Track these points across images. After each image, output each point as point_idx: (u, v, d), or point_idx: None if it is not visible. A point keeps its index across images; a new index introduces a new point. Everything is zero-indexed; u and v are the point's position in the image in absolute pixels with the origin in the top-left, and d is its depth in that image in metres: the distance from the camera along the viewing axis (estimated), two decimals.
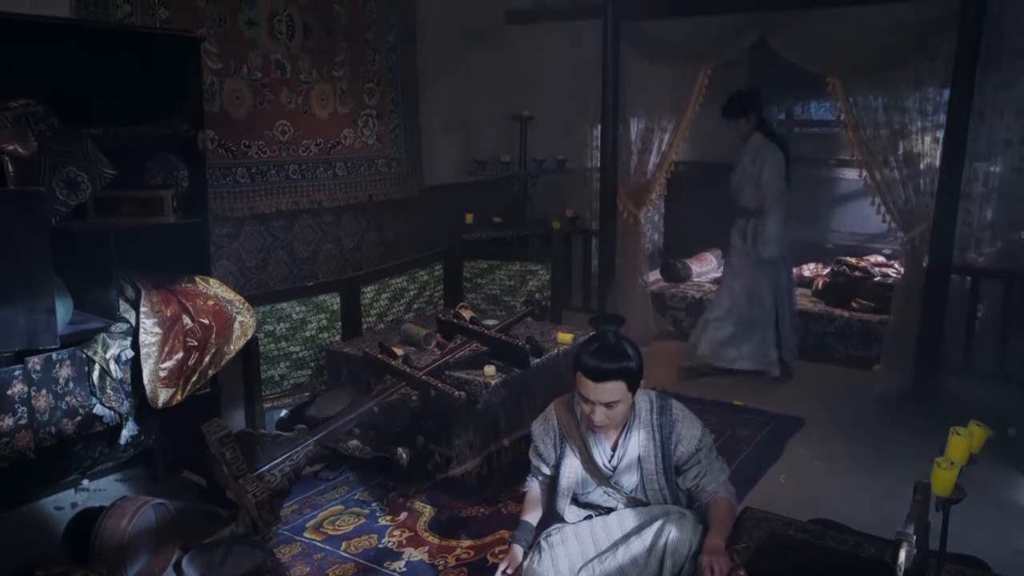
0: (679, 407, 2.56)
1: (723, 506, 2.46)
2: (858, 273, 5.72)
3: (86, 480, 3.48)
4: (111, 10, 3.51)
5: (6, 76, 2.74)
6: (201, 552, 2.96)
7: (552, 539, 2.52)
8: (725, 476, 2.53)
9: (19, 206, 2.54)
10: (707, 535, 2.38)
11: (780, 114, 7.53)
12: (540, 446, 2.63)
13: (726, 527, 2.42)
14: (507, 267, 5.08)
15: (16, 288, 2.55)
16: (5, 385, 2.56)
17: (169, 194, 3.21)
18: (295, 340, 4.10)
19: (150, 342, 2.97)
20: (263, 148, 4.30)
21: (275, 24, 4.27)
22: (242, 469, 2.99)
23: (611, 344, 2.40)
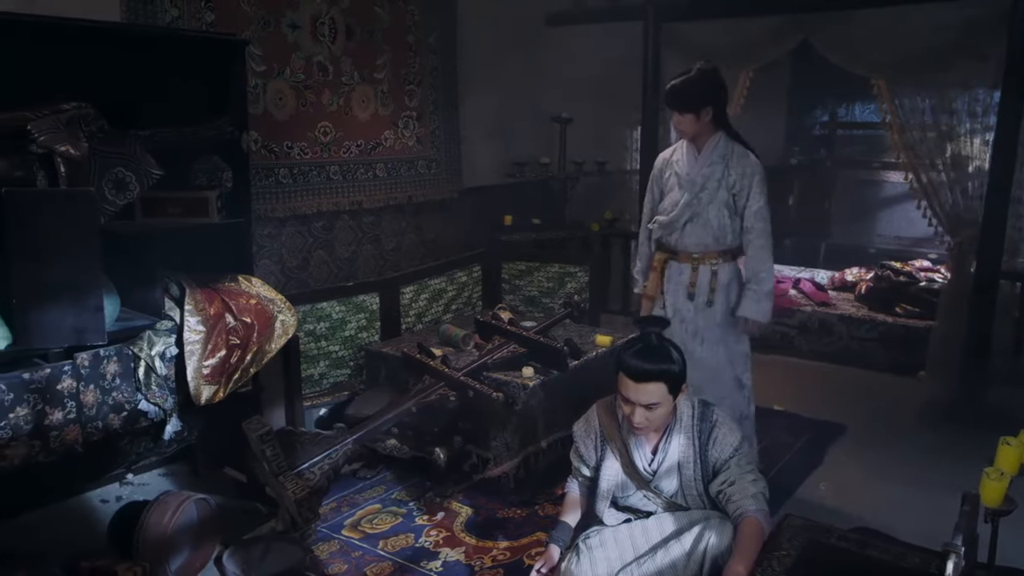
0: (721, 414, 2.53)
1: (750, 528, 2.34)
2: (902, 278, 5.62)
3: (130, 474, 3.54)
4: (159, 14, 3.58)
5: (59, 79, 2.80)
6: (241, 548, 3.00)
7: (591, 541, 2.51)
8: (757, 491, 2.42)
9: (70, 206, 2.60)
10: (730, 560, 2.28)
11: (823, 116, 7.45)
12: (581, 447, 2.62)
13: (750, 552, 2.29)
14: (545, 269, 5.07)
15: (66, 286, 2.62)
16: (55, 380, 2.61)
17: (213, 195, 3.27)
18: (335, 339, 4.14)
19: (194, 340, 3.02)
20: (305, 149, 4.35)
21: (318, 27, 4.32)
22: (282, 466, 3.03)
23: (654, 345, 2.39)
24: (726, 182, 3.26)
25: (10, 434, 2.51)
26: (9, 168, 2.52)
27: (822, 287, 6.06)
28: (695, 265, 3.34)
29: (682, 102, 3.24)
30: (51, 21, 2.85)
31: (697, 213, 3.29)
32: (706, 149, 3.29)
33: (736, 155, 3.26)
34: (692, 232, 3.32)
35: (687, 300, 3.36)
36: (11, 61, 2.75)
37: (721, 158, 3.27)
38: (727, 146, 3.28)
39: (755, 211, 3.26)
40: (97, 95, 2.81)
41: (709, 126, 3.27)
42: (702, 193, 3.27)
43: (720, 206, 3.27)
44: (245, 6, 3.95)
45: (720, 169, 3.26)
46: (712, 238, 3.30)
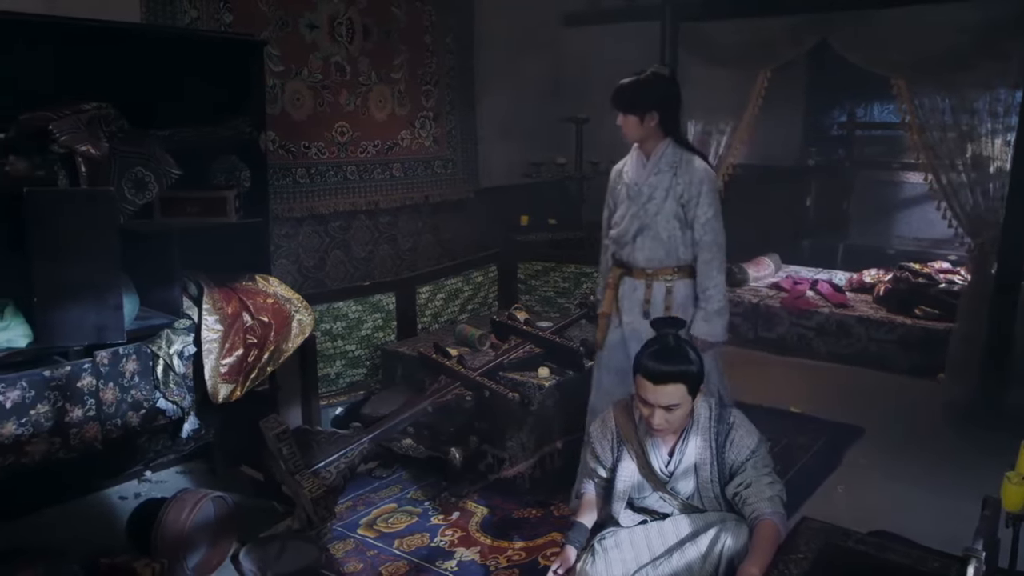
0: (739, 415, 2.51)
1: (766, 530, 2.32)
2: (921, 280, 5.56)
3: (148, 472, 3.57)
4: (178, 15, 3.61)
5: (80, 79, 2.83)
6: (258, 546, 3.01)
7: (606, 542, 2.50)
8: (774, 494, 2.40)
9: (91, 205, 2.62)
10: (744, 562, 2.27)
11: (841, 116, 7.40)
12: (597, 448, 2.61)
13: (765, 554, 2.27)
14: (562, 269, 5.06)
15: (87, 285, 2.64)
16: (75, 378, 2.64)
17: (231, 194, 3.29)
18: (351, 339, 4.16)
19: (211, 339, 3.04)
20: (322, 149, 4.36)
21: (335, 27, 4.34)
22: (298, 465, 3.04)
23: (671, 346, 2.38)
24: (674, 192, 3.03)
25: (31, 431, 2.54)
26: (31, 168, 2.54)
27: (840, 288, 6.02)
28: (649, 281, 3.11)
29: (627, 103, 3.06)
30: (73, 22, 2.88)
31: (646, 225, 3.07)
32: (653, 157, 3.08)
33: (684, 163, 3.05)
34: (643, 246, 3.09)
35: (643, 318, 3.07)
36: (33, 62, 2.78)
37: (669, 166, 3.05)
38: (675, 154, 3.06)
39: (703, 222, 3.02)
40: (117, 95, 2.84)
41: (656, 132, 3.06)
42: (649, 204, 3.06)
43: (669, 217, 3.04)
44: (263, 7, 3.97)
45: (668, 178, 3.04)
46: (664, 252, 3.07)
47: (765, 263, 6.61)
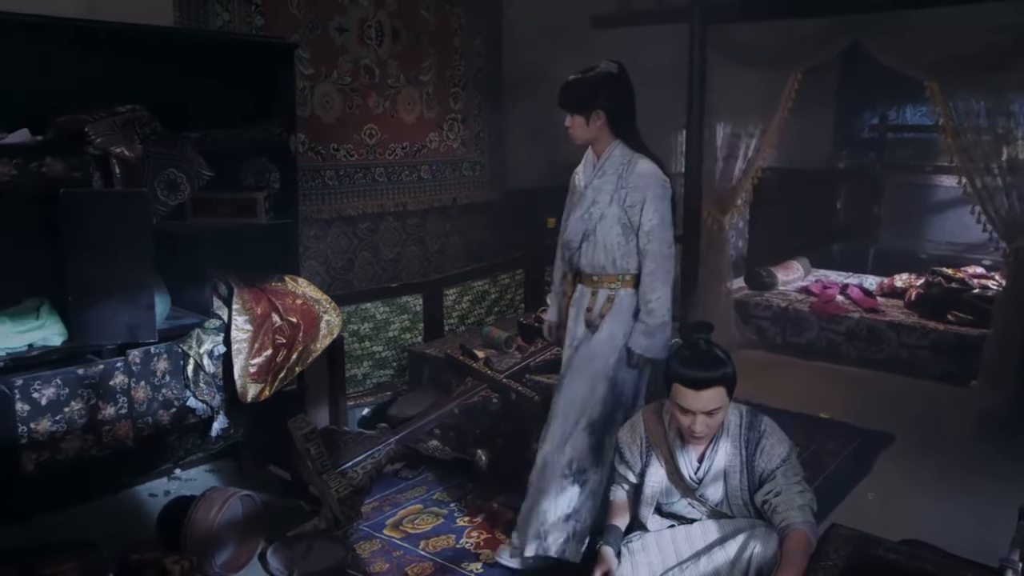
0: (770, 423, 2.48)
1: (797, 540, 2.28)
2: (955, 285, 5.48)
3: (178, 470, 3.61)
4: (211, 18, 3.65)
5: (115, 82, 2.87)
6: (285, 545, 3.04)
7: (633, 545, 2.49)
8: (804, 502, 2.37)
9: (125, 206, 2.67)
10: (776, 572, 2.25)
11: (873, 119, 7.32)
12: (626, 453, 2.60)
13: (797, 565, 2.24)
14: None
15: (120, 284, 2.68)
16: (108, 376, 2.68)
17: (261, 196, 3.32)
18: (378, 340, 4.18)
19: (241, 339, 3.07)
20: (351, 151, 4.39)
21: (365, 30, 4.36)
22: (326, 465, 3.06)
23: (704, 351, 2.36)
24: (619, 196, 2.83)
25: (65, 428, 2.58)
26: (67, 169, 2.59)
27: (870, 293, 5.95)
28: (595, 289, 2.92)
29: (572, 102, 2.89)
30: (109, 26, 2.93)
31: (591, 230, 2.88)
32: (602, 159, 2.90)
33: (631, 166, 2.84)
34: (588, 252, 2.91)
35: (585, 327, 2.93)
36: (70, 65, 2.83)
37: (614, 169, 2.85)
38: (623, 156, 2.86)
39: (647, 230, 2.80)
40: (151, 97, 2.88)
41: (605, 133, 2.88)
42: (593, 208, 2.88)
43: (613, 223, 2.84)
44: (294, 10, 4.00)
45: (613, 181, 2.84)
46: (609, 260, 2.87)
47: (794, 267, 6.55)
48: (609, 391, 2.89)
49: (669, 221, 2.85)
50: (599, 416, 2.89)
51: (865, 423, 4.38)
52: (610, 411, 2.90)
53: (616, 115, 2.87)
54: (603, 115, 2.85)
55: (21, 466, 2.51)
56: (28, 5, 2.72)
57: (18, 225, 2.80)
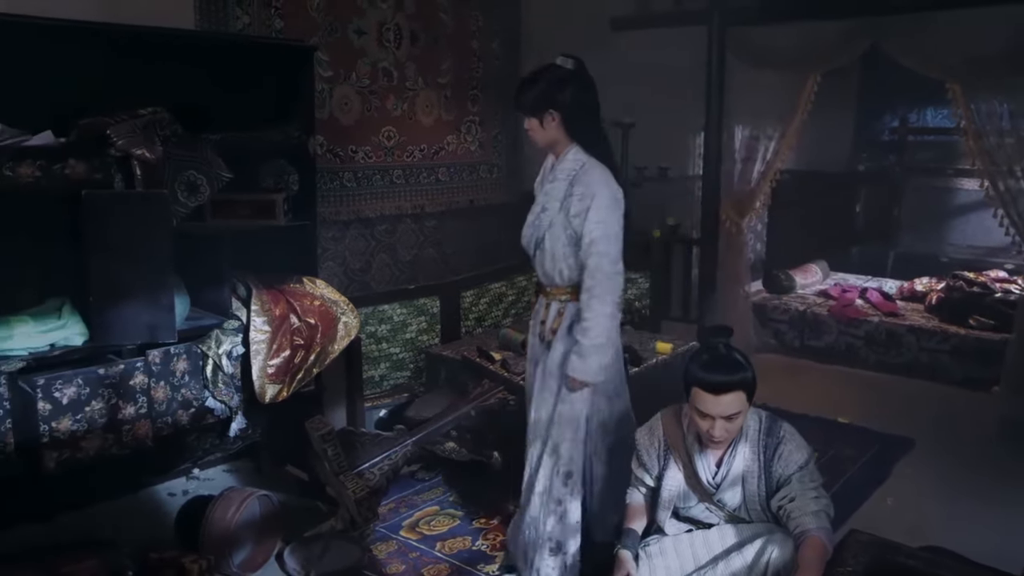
0: (789, 429, 2.45)
1: (813, 548, 2.23)
2: (976, 289, 5.43)
3: (196, 469, 3.63)
4: (231, 21, 3.67)
5: (137, 85, 2.90)
6: (302, 545, 3.05)
7: (650, 549, 2.48)
8: (819, 508, 2.32)
9: (145, 207, 2.69)
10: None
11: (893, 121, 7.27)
12: (644, 456, 2.58)
13: (814, 572, 2.20)
14: None
15: (140, 285, 2.71)
16: (128, 376, 2.70)
17: (280, 197, 3.33)
18: (395, 342, 4.19)
19: (259, 339, 3.08)
20: (369, 153, 4.41)
21: (383, 33, 4.38)
22: (343, 466, 3.08)
23: (723, 355, 2.34)
24: (567, 204, 2.62)
25: (86, 427, 2.60)
26: (89, 171, 2.61)
27: (890, 297, 5.90)
28: (548, 301, 2.78)
29: (525, 103, 2.68)
30: (131, 29, 2.96)
31: (541, 239, 2.71)
32: (556, 163, 2.71)
33: (583, 172, 2.62)
34: (539, 261, 2.76)
35: (539, 341, 2.82)
36: (93, 67, 2.86)
37: (566, 174, 2.64)
38: (576, 161, 2.64)
39: (588, 243, 2.58)
40: (171, 99, 2.90)
41: (562, 134, 2.66)
42: (543, 215, 2.70)
43: (560, 232, 2.65)
44: (313, 13, 4.02)
45: (563, 187, 2.64)
46: (557, 271, 2.71)
47: (813, 270, 6.51)
48: (569, 416, 2.73)
49: (615, 235, 2.60)
50: (561, 442, 2.74)
51: (884, 428, 4.34)
52: (572, 437, 2.75)
53: (572, 116, 2.63)
54: (557, 116, 2.63)
55: (43, 465, 2.53)
56: (52, 9, 2.75)
57: (41, 226, 2.83)
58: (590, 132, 2.68)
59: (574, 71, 2.63)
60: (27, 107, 2.68)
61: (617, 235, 2.61)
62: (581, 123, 2.66)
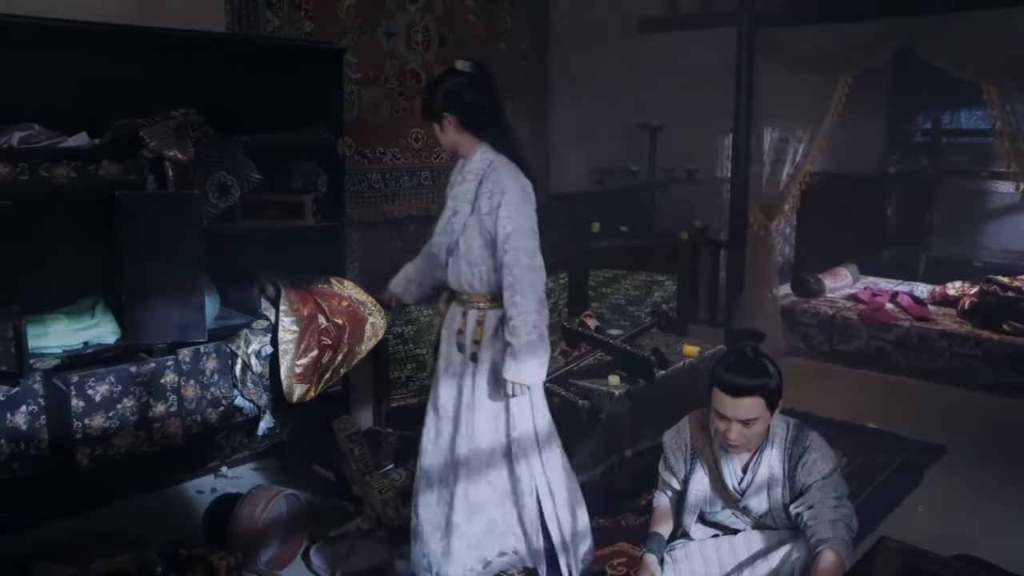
0: (816, 439, 2.43)
1: (826, 564, 2.19)
2: (1011, 293, 5.34)
3: (225, 467, 3.67)
4: (262, 24, 3.71)
5: (169, 87, 2.94)
6: (328, 544, 3.07)
7: (676, 554, 2.47)
8: (837, 517, 2.28)
9: (177, 208, 2.72)
10: None
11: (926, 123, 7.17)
12: (671, 458, 2.58)
13: None
14: (633, 277, 5.03)
15: (172, 285, 2.74)
16: (159, 374, 2.74)
17: (309, 198, 3.36)
18: (422, 343, 4.20)
19: (288, 339, 3.11)
20: (397, 155, 4.43)
21: (412, 35, 4.40)
22: (369, 466, 3.09)
23: (749, 359, 2.33)
24: (478, 204, 2.57)
25: (118, 424, 2.64)
26: (123, 171, 2.65)
27: (921, 301, 5.82)
28: (465, 309, 2.68)
29: (424, 109, 2.67)
30: (165, 33, 3.00)
31: (454, 243, 2.64)
32: (464, 164, 2.66)
33: (491, 169, 2.57)
34: (454, 267, 2.67)
35: (457, 351, 2.69)
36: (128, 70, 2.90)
37: (475, 175, 2.58)
38: (483, 159, 2.59)
39: (503, 238, 2.51)
40: (203, 101, 2.94)
41: (465, 137, 2.61)
42: (455, 218, 2.63)
43: (475, 235, 2.58)
44: (342, 15, 4.05)
45: (472, 187, 2.58)
46: (475, 276, 2.63)
47: (842, 274, 6.44)
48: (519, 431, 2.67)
49: (529, 228, 2.54)
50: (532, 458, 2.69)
51: (915, 434, 4.28)
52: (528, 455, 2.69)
53: (471, 117, 2.59)
54: (454, 119, 2.59)
55: (76, 461, 2.57)
56: (88, 14, 2.80)
57: (76, 226, 2.88)
58: (496, 132, 2.63)
59: (471, 74, 2.60)
60: (63, 109, 2.73)
61: (532, 229, 2.56)
62: (483, 124, 2.61)
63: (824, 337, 5.68)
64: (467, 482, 2.67)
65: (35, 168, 2.48)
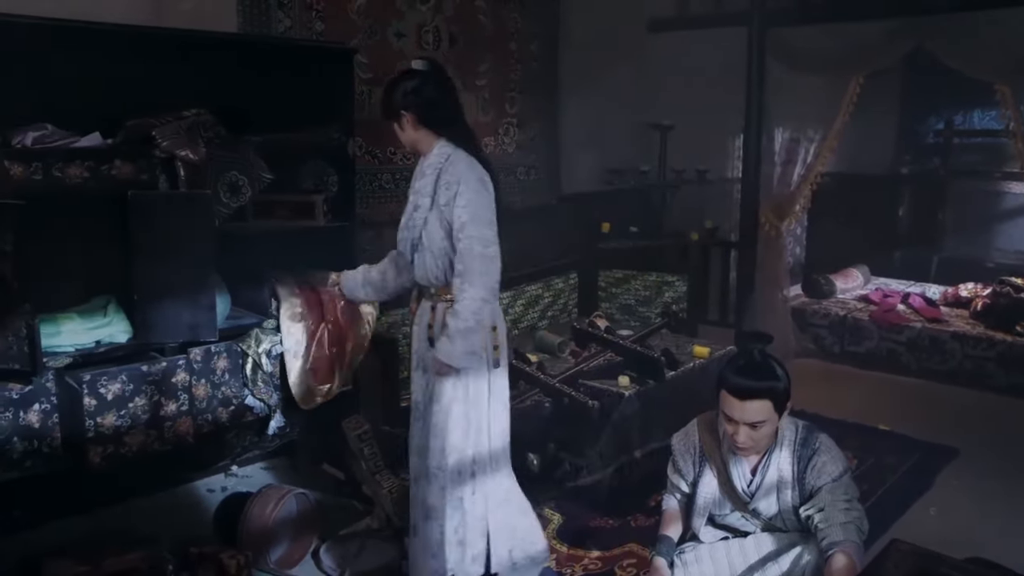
0: (826, 441, 2.41)
1: (838, 567, 2.17)
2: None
3: (235, 466, 3.68)
4: (273, 24, 3.72)
5: (181, 87, 2.95)
6: (338, 543, 3.08)
7: (686, 557, 2.46)
8: (848, 520, 2.26)
9: (189, 208, 2.73)
10: None
11: (938, 123, 7.14)
12: (680, 461, 2.57)
13: None
14: (643, 278, 5.03)
15: (183, 284, 2.75)
16: (171, 373, 2.75)
17: (320, 199, 3.36)
18: None
19: (296, 339, 3.11)
20: (407, 155, 4.42)
21: (423, 35, 4.40)
22: (379, 465, 3.10)
23: (757, 362, 2.32)
24: (437, 197, 2.59)
25: (129, 423, 2.65)
26: (135, 171, 2.66)
27: (933, 303, 5.79)
28: (434, 303, 2.69)
29: (382, 110, 2.73)
30: (178, 33, 3.01)
31: (418, 238, 2.65)
32: (424, 160, 2.70)
33: (449, 163, 2.60)
34: (420, 262, 2.69)
35: (428, 346, 2.69)
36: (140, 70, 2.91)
37: (433, 169, 2.62)
38: (441, 154, 2.63)
39: (459, 227, 2.53)
40: (214, 102, 2.95)
41: (424, 134, 2.66)
42: (416, 214, 2.65)
43: (436, 228, 2.60)
44: (353, 15, 4.06)
45: (431, 181, 2.61)
46: (440, 270, 2.64)
47: (853, 275, 6.41)
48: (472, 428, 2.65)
49: (485, 219, 2.56)
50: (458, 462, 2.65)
51: (927, 436, 4.26)
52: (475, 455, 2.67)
53: (428, 114, 2.64)
54: (411, 116, 2.65)
55: (88, 459, 2.58)
56: (101, 14, 2.81)
57: (88, 226, 2.89)
58: (453, 127, 2.68)
59: (426, 72, 2.67)
60: (76, 109, 2.75)
61: (488, 219, 2.57)
62: (440, 120, 2.66)
63: (835, 338, 5.66)
64: (426, 483, 2.69)
65: (48, 168, 2.49)
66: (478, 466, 2.67)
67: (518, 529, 2.78)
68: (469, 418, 2.64)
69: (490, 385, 2.67)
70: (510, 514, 2.76)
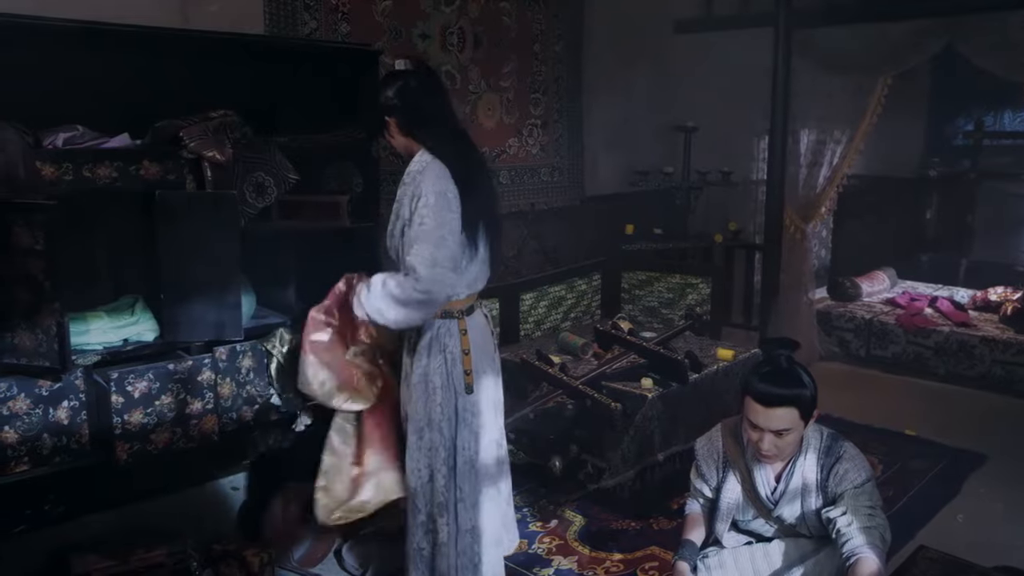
0: (851, 449, 2.39)
1: (863, 572, 2.14)
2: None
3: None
4: (299, 26, 3.75)
5: (208, 89, 2.98)
6: (359, 543, 3.09)
7: (709, 561, 2.44)
8: (870, 525, 2.23)
9: (215, 208, 2.75)
10: None
11: (967, 125, 7.04)
12: (703, 466, 2.55)
13: None
14: (666, 279, 5.01)
15: (209, 283, 2.77)
16: (196, 372, 2.77)
17: (345, 199, 3.37)
18: None
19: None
20: None
21: (447, 37, 4.41)
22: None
23: (784, 368, 2.29)
24: (402, 210, 2.50)
25: (155, 420, 2.68)
26: (162, 171, 2.69)
27: (961, 306, 5.72)
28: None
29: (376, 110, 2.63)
30: (206, 35, 3.04)
31: (399, 247, 2.53)
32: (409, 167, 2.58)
33: (420, 173, 2.47)
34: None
35: (407, 355, 2.68)
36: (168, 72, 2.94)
37: (411, 177, 2.50)
38: (419, 163, 2.50)
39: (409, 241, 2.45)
40: (241, 102, 2.97)
41: (411, 140, 2.55)
42: (396, 222, 2.56)
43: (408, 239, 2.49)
44: (378, 17, 4.08)
45: (409, 191, 2.49)
46: None
47: (880, 278, 6.35)
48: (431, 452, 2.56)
49: (437, 237, 2.39)
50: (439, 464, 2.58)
51: (954, 442, 4.21)
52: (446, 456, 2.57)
53: (409, 120, 2.52)
54: (394, 121, 2.54)
55: (115, 455, 2.61)
56: (130, 17, 2.84)
57: (117, 226, 2.93)
58: (435, 134, 2.52)
59: (409, 72, 2.52)
60: (106, 111, 2.78)
61: (439, 237, 2.39)
62: (422, 126, 2.52)
63: (861, 342, 5.60)
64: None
65: (79, 168, 2.52)
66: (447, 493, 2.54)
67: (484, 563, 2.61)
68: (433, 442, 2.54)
69: (458, 410, 2.54)
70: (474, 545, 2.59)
